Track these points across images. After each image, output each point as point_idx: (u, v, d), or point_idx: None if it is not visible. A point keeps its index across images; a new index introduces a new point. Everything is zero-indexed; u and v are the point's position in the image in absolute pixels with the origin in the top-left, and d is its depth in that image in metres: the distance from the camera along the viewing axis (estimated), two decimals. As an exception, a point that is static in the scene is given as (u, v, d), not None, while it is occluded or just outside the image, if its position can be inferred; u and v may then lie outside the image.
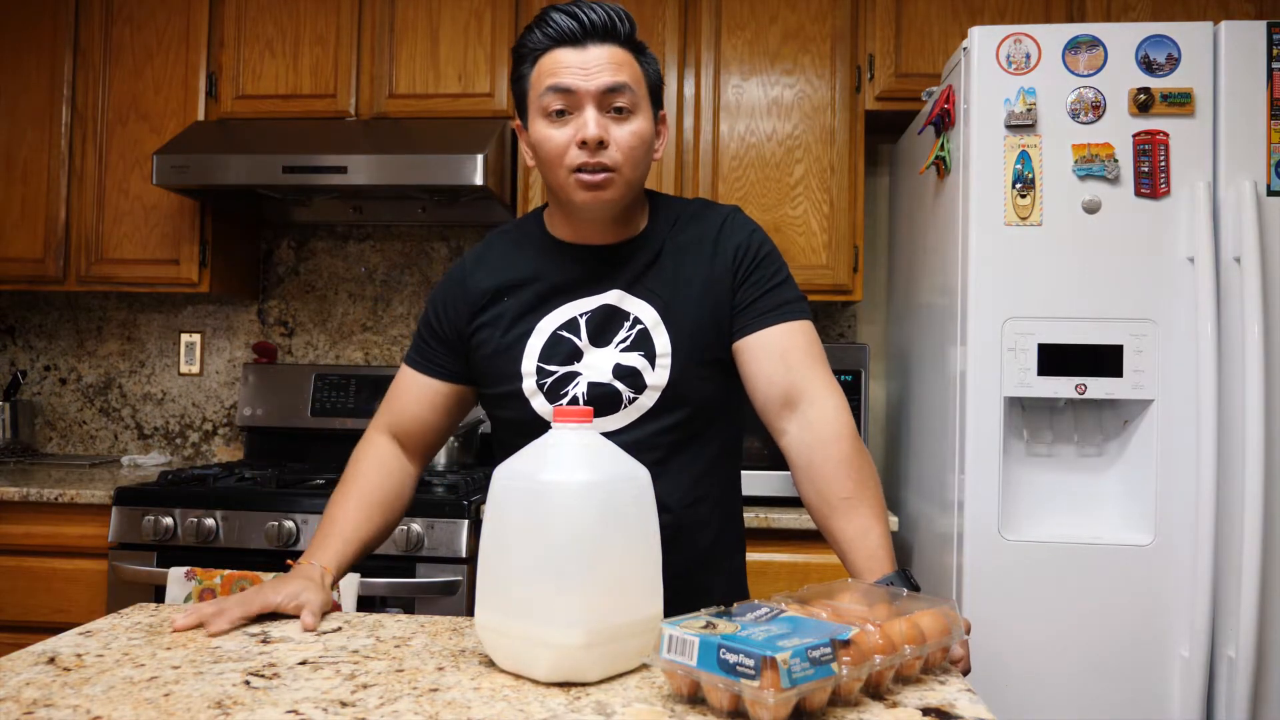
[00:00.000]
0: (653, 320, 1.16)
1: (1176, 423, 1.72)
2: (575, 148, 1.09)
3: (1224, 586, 1.68)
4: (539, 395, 1.16)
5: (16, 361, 2.93)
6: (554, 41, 1.11)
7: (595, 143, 1.08)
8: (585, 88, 1.09)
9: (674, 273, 1.18)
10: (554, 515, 0.84)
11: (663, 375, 1.14)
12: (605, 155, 1.09)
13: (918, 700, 0.80)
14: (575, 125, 1.09)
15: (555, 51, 1.11)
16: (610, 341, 1.15)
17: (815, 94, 2.40)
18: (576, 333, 1.16)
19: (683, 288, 1.17)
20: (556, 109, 1.10)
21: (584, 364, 1.15)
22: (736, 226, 1.21)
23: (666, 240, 1.19)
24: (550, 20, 1.11)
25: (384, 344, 2.82)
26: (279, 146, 2.34)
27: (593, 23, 1.10)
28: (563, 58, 1.10)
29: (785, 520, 2.06)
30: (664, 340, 1.15)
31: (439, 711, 0.76)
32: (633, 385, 1.14)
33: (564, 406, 0.90)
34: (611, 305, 1.16)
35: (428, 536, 2.00)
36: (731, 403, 1.22)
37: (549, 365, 1.16)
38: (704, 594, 1.12)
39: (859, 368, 2.22)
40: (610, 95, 1.09)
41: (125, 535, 2.09)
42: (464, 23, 2.49)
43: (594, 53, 1.10)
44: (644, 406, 1.15)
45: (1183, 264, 1.72)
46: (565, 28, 1.10)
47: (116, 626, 1.01)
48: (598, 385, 1.14)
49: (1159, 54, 1.75)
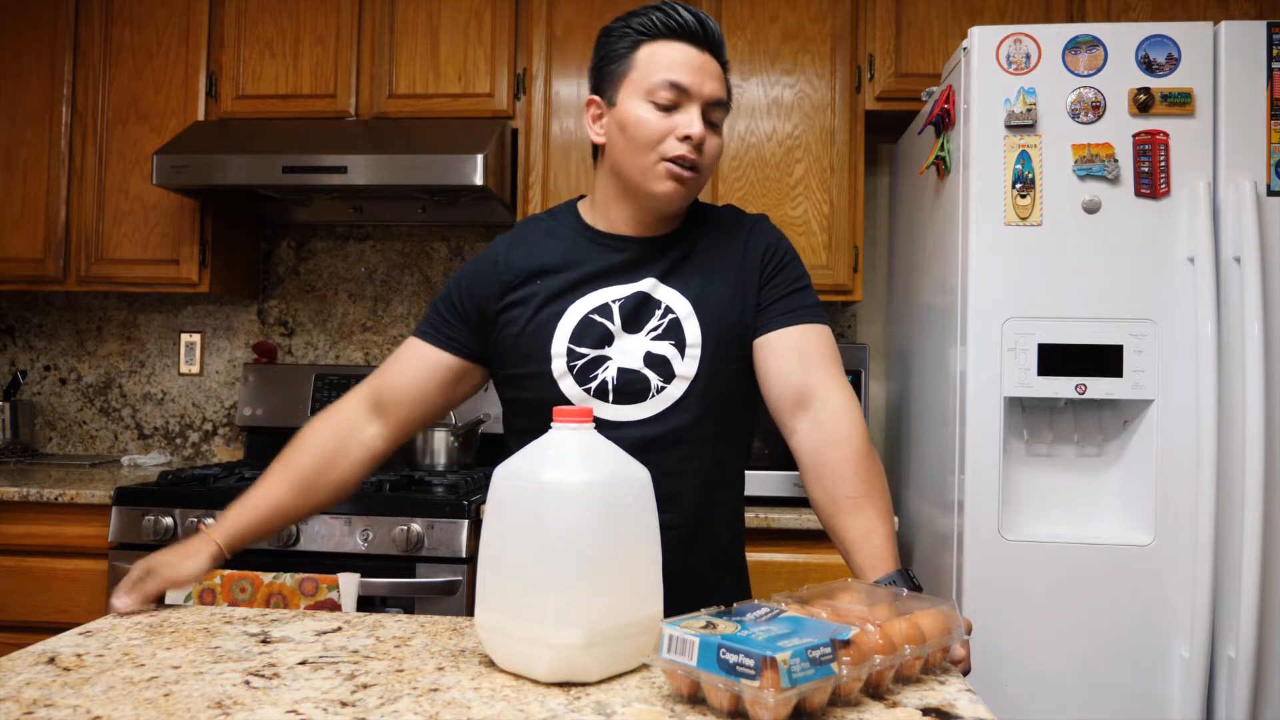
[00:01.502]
0: (685, 311, 1.18)
1: (1176, 423, 1.72)
2: (675, 140, 1.14)
3: (1224, 586, 1.68)
4: (568, 377, 1.17)
5: (16, 361, 2.93)
6: (672, 33, 1.15)
7: (700, 140, 1.14)
8: (701, 91, 1.15)
9: (707, 268, 1.21)
10: (554, 515, 0.84)
11: (691, 366, 1.17)
12: (699, 156, 1.15)
13: (918, 700, 0.80)
14: (679, 120, 1.14)
15: (673, 44, 1.15)
16: (642, 328, 1.17)
17: (815, 94, 2.40)
18: (609, 317, 1.18)
19: (714, 283, 1.20)
20: (667, 100, 1.14)
21: (615, 349, 1.17)
22: (765, 230, 1.26)
23: (701, 237, 1.23)
24: (673, 13, 1.16)
25: (384, 344, 2.81)
26: (279, 146, 2.34)
27: (711, 32, 1.17)
28: (683, 54, 1.15)
29: (785, 520, 2.06)
30: (695, 331, 1.17)
31: (439, 711, 0.76)
32: (662, 374, 1.16)
33: (564, 407, 0.90)
34: (645, 293, 1.18)
35: (428, 536, 2.00)
36: (751, 403, 1.24)
37: (580, 348, 1.17)
38: (716, 592, 1.13)
39: (859, 368, 2.22)
40: (713, 108, 1.16)
41: (125, 535, 2.09)
42: (464, 23, 2.49)
43: (709, 61, 1.16)
44: (671, 397, 1.16)
45: (1183, 264, 1.72)
46: (689, 25, 1.15)
47: (116, 626, 1.01)
48: (628, 371, 1.16)
49: (1159, 54, 1.75)
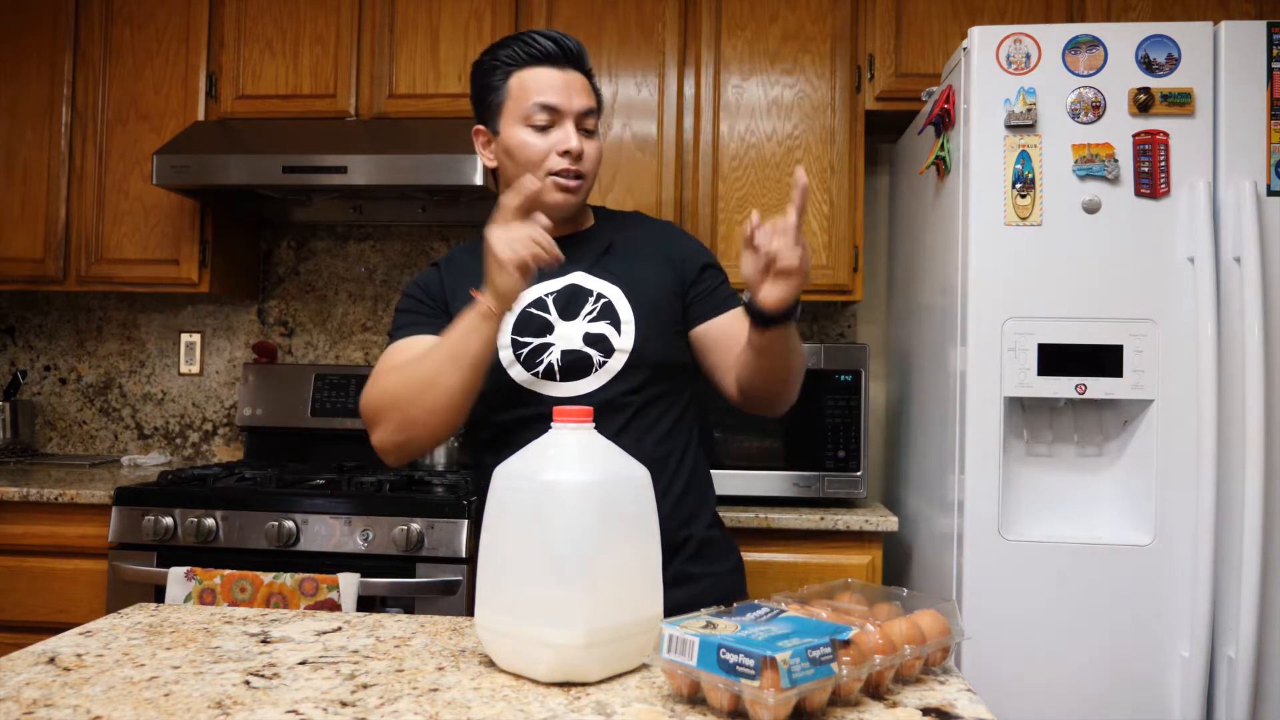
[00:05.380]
0: (615, 294, 1.30)
1: (1176, 423, 1.72)
2: (556, 155, 1.27)
3: (1224, 586, 1.68)
4: (516, 365, 1.27)
5: (16, 361, 2.93)
6: (535, 60, 1.28)
7: (578, 154, 1.28)
8: (570, 107, 1.28)
9: (628, 257, 1.35)
10: (554, 515, 0.84)
11: (628, 340, 1.28)
12: (580, 165, 1.29)
13: (918, 700, 0.80)
14: (556, 137, 1.27)
15: (537, 69, 1.28)
16: (578, 315, 1.29)
17: (815, 94, 2.40)
18: (545, 309, 1.29)
19: (638, 268, 1.33)
20: (543, 121, 1.27)
21: (556, 335, 1.28)
22: (678, 232, 1.43)
23: (615, 234, 1.38)
24: (533, 41, 1.28)
25: (384, 344, 2.81)
26: (279, 146, 2.34)
27: (569, 50, 1.29)
28: (548, 77, 1.28)
29: (785, 520, 2.06)
30: (627, 310, 1.29)
31: (439, 711, 0.76)
32: (602, 350, 1.27)
33: (564, 407, 0.90)
34: (575, 285, 1.31)
35: (428, 536, 2.00)
36: (689, 366, 1.37)
37: (523, 338, 1.28)
38: (680, 548, 1.27)
39: (859, 368, 2.22)
40: (585, 117, 1.30)
41: (125, 535, 2.09)
42: (464, 23, 2.49)
43: (572, 77, 1.29)
44: (613, 370, 1.27)
45: (1183, 264, 1.72)
46: (549, 50, 1.28)
47: (116, 626, 1.01)
48: (570, 352, 1.27)
49: (1159, 54, 1.75)
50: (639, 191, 2.42)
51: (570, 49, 1.29)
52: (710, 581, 1.31)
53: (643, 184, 2.42)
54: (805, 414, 2.19)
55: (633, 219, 1.44)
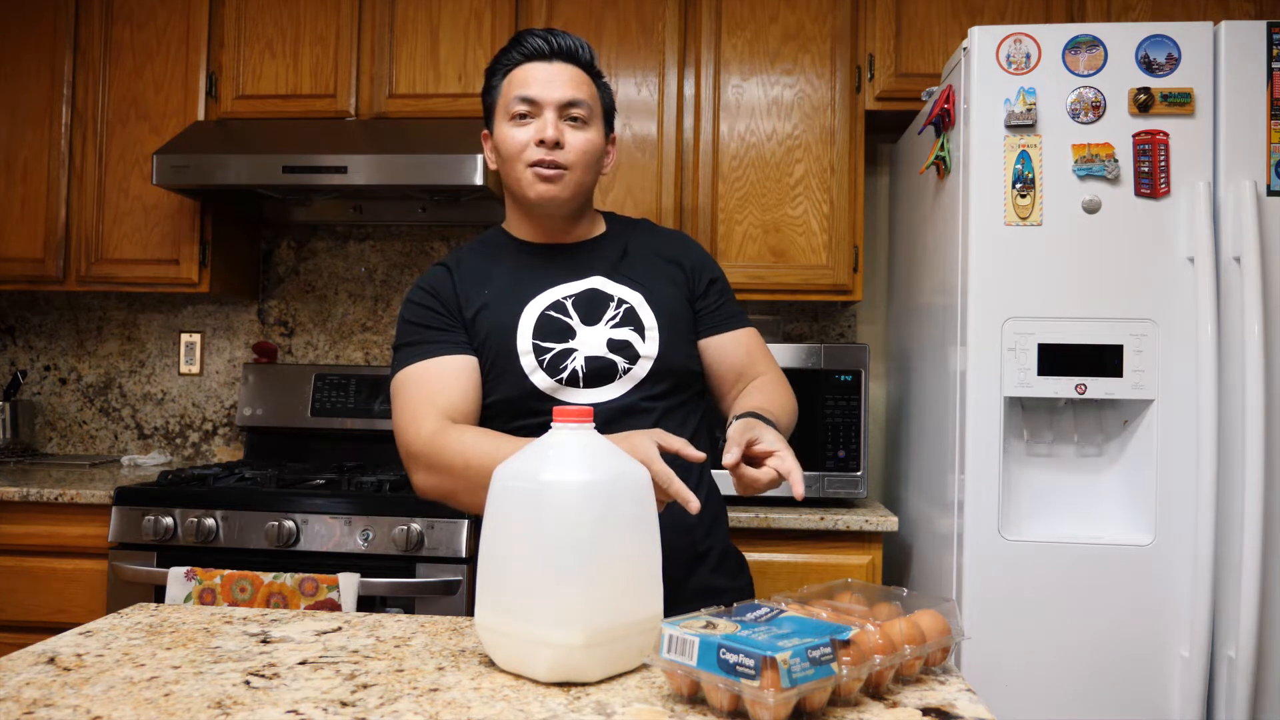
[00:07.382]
0: (637, 300, 1.29)
1: (1176, 423, 1.72)
2: (534, 146, 1.25)
3: (1224, 586, 1.68)
4: (539, 371, 1.24)
5: (16, 361, 2.93)
6: (525, 58, 1.28)
7: (553, 142, 1.24)
8: (548, 97, 1.25)
9: (645, 265, 1.34)
10: (554, 515, 0.84)
11: (653, 346, 1.27)
12: (560, 155, 1.25)
13: (918, 700, 0.80)
14: (536, 127, 1.25)
15: (525, 66, 1.28)
16: (600, 320, 1.27)
17: (815, 94, 2.40)
18: (565, 313, 1.27)
19: (655, 277, 1.33)
20: (520, 113, 1.26)
21: (578, 340, 1.25)
22: (690, 241, 1.42)
23: (629, 241, 1.37)
24: (524, 41, 1.29)
25: (384, 344, 2.81)
26: (279, 146, 2.34)
27: (560, 46, 1.28)
28: (532, 72, 1.27)
29: (785, 520, 2.06)
30: (650, 316, 1.28)
31: (439, 711, 0.76)
32: (627, 356, 1.26)
33: (564, 407, 0.90)
34: (595, 289, 1.29)
35: (428, 536, 2.00)
36: (701, 375, 1.38)
37: (544, 342, 1.25)
38: (704, 558, 1.28)
39: (859, 368, 2.22)
40: (569, 107, 1.26)
41: (125, 535, 2.09)
42: (464, 23, 2.49)
43: (559, 69, 1.27)
44: (637, 376, 1.26)
45: (1183, 264, 1.72)
46: (536, 47, 1.28)
47: (116, 626, 1.01)
48: (595, 358, 1.25)
49: (1159, 54, 1.75)
50: (639, 191, 2.42)
51: (560, 44, 1.28)
52: (732, 597, 1.29)
53: (643, 184, 2.42)
54: (805, 414, 2.19)
55: (644, 226, 1.43)
